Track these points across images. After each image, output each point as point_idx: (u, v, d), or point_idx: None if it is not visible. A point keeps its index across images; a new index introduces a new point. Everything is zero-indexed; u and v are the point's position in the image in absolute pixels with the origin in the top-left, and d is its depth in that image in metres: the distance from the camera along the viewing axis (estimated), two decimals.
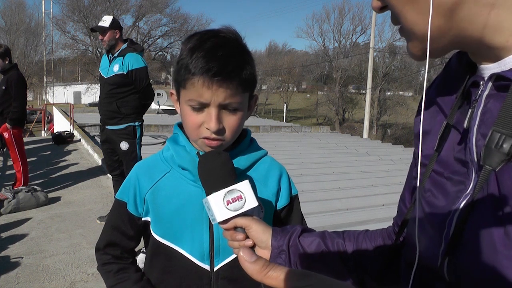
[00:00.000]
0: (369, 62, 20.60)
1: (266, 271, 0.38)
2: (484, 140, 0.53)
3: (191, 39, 0.92)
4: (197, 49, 0.89)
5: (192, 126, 0.94)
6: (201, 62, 0.87)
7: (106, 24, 3.95)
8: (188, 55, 0.89)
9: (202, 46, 0.89)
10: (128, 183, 1.09)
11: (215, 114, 0.90)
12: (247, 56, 0.94)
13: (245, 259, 0.39)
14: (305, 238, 0.83)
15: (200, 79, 0.87)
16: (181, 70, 0.91)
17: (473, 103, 0.58)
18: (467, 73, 0.62)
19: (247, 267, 0.39)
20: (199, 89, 0.88)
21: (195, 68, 0.87)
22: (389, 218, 4.08)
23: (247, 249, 0.40)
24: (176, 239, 1.03)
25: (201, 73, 0.87)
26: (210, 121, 0.90)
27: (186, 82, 0.90)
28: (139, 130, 4.11)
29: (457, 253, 0.56)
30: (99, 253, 1.13)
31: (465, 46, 0.59)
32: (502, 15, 0.53)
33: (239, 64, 0.91)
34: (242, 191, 0.76)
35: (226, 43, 0.91)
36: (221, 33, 0.93)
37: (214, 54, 0.88)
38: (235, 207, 0.76)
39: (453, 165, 0.61)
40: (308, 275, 0.36)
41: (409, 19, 0.58)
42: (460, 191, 0.58)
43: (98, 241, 1.14)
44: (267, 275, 0.37)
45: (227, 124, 0.93)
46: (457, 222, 0.56)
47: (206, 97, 0.89)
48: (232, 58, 0.89)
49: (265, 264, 0.38)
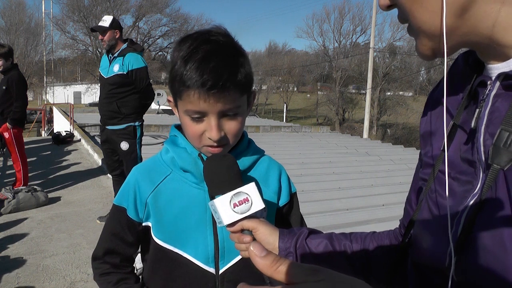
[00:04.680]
0: (369, 62, 20.58)
1: (277, 265, 0.38)
2: (492, 139, 0.53)
3: (183, 46, 0.89)
4: (189, 60, 0.86)
5: (194, 136, 0.93)
6: (195, 75, 0.85)
7: (106, 24, 3.94)
8: (181, 66, 0.87)
9: (194, 56, 0.86)
10: (127, 187, 1.05)
11: (215, 124, 0.89)
12: (241, 57, 0.91)
13: (256, 254, 0.39)
14: (312, 240, 0.82)
15: (196, 93, 0.86)
16: (175, 81, 0.89)
17: (481, 102, 0.58)
18: (473, 73, 0.62)
19: (257, 261, 0.39)
20: (196, 100, 0.87)
21: (189, 80, 0.86)
22: (389, 218, 4.09)
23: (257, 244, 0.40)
24: (180, 243, 1.01)
25: (197, 87, 0.85)
26: (211, 130, 0.89)
27: (182, 93, 0.89)
28: (139, 130, 4.12)
29: (466, 252, 0.55)
30: (96, 262, 1.10)
31: (474, 45, 0.59)
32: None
33: (233, 71, 0.88)
34: (249, 194, 0.76)
35: (218, 50, 0.88)
36: (212, 36, 0.90)
37: (207, 64, 0.85)
38: (242, 209, 0.76)
39: (460, 165, 0.61)
40: (319, 270, 0.36)
41: (418, 18, 0.57)
42: (468, 191, 0.58)
43: (95, 249, 1.10)
44: (277, 269, 0.37)
45: (228, 130, 0.92)
46: (465, 221, 0.56)
47: (204, 108, 0.88)
48: (226, 67, 0.87)
49: (275, 258, 0.38)
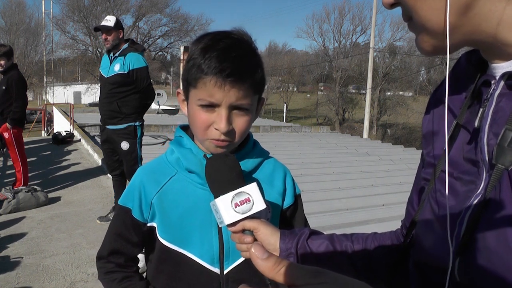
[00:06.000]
0: (369, 62, 20.58)
1: (279, 268, 0.37)
2: (496, 139, 0.53)
3: (203, 39, 0.91)
4: (210, 49, 0.87)
5: (201, 126, 0.92)
6: (214, 62, 0.86)
7: (111, 24, 3.95)
8: (200, 55, 0.88)
9: (215, 46, 0.88)
10: (132, 188, 1.05)
11: (225, 115, 0.89)
12: (259, 59, 0.94)
13: (257, 256, 0.38)
14: (314, 241, 0.82)
15: (213, 79, 0.86)
16: (192, 69, 0.90)
17: (484, 102, 0.58)
18: (477, 72, 0.62)
19: (259, 264, 0.38)
20: (211, 89, 0.87)
21: (208, 67, 0.86)
22: (389, 218, 4.09)
23: (259, 246, 0.39)
24: (185, 244, 1.01)
25: (214, 73, 0.86)
26: (220, 122, 0.89)
27: (197, 81, 0.89)
28: (139, 130, 4.11)
29: (469, 253, 0.55)
30: (101, 261, 1.10)
31: (478, 43, 0.59)
32: None
33: (252, 66, 0.90)
34: (250, 194, 0.76)
35: (239, 45, 0.90)
36: (233, 34, 0.92)
37: (227, 54, 0.87)
38: (243, 209, 0.75)
39: (462, 165, 0.60)
40: (322, 272, 0.36)
41: (422, 15, 0.57)
42: (471, 191, 0.57)
43: (100, 249, 1.10)
44: (279, 272, 0.37)
45: (236, 125, 0.92)
46: (469, 221, 0.55)
47: (218, 97, 0.88)
48: (245, 60, 0.89)
49: (277, 261, 0.38)
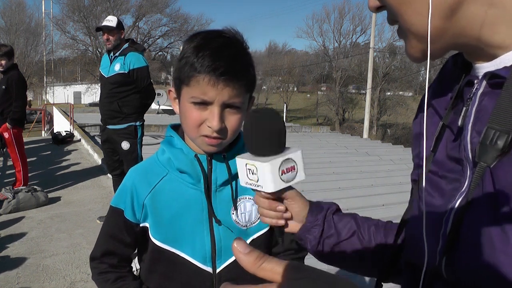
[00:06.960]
0: (369, 62, 20.59)
1: (260, 263, 0.37)
2: (479, 137, 0.53)
3: (195, 38, 0.91)
4: (202, 48, 0.88)
5: (193, 123, 0.92)
6: (208, 61, 0.86)
7: (113, 24, 3.96)
8: (193, 54, 0.89)
9: (207, 45, 0.88)
10: (124, 189, 1.05)
11: (218, 113, 0.89)
12: (250, 58, 0.95)
13: (239, 251, 0.38)
14: (339, 217, 0.84)
15: (206, 77, 0.87)
16: (185, 68, 0.90)
17: (467, 101, 0.58)
18: (462, 74, 0.62)
19: (241, 258, 0.38)
20: (204, 86, 0.88)
21: (201, 66, 0.87)
22: (389, 218, 4.10)
23: (241, 241, 0.39)
24: (177, 243, 1.02)
25: (208, 72, 0.86)
26: (212, 119, 0.89)
27: (190, 79, 0.89)
28: (140, 130, 4.12)
29: (455, 250, 0.56)
30: (94, 262, 1.10)
31: (462, 46, 0.59)
32: (499, 14, 0.53)
33: (245, 65, 0.92)
34: (296, 162, 0.70)
35: (232, 44, 0.91)
36: (225, 33, 0.93)
37: (220, 53, 0.88)
38: (288, 178, 0.69)
39: (447, 164, 0.61)
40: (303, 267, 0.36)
41: (407, 20, 0.57)
42: (456, 189, 0.58)
43: (93, 250, 1.11)
44: (260, 267, 0.37)
45: (228, 123, 0.92)
46: (454, 220, 0.56)
47: (211, 95, 0.88)
48: (238, 59, 0.90)
49: (259, 256, 0.37)
